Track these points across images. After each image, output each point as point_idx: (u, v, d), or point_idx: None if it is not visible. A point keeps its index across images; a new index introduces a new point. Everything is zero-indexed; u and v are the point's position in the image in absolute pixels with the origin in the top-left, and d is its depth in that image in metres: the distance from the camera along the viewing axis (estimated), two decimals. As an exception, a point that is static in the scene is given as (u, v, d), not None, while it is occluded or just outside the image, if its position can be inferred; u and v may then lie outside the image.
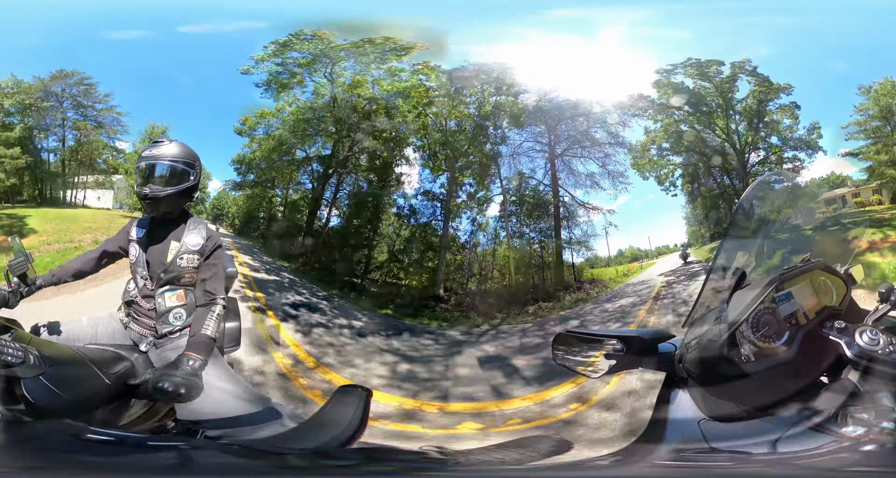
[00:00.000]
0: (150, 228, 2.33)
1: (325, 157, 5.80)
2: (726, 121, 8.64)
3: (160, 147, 2.26)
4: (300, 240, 6.14)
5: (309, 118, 5.50)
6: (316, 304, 5.21)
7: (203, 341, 2.04)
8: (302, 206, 5.75)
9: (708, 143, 8.73)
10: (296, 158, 5.56)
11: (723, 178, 9.14)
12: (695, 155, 8.96)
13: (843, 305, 1.68)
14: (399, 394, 4.58)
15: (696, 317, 1.60)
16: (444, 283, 5.55)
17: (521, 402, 4.60)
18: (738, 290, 1.54)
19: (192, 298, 2.27)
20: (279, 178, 5.80)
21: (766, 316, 1.50)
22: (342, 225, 6.05)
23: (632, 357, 1.55)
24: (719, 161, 8.93)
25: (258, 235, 6.20)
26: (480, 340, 5.51)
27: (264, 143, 5.59)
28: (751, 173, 8.56)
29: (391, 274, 5.86)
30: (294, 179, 5.66)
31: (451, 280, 5.87)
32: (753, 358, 1.44)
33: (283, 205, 6.01)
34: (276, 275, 6.17)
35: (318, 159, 6.06)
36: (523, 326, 6.14)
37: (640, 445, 1.41)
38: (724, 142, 8.44)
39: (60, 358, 1.80)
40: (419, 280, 6.03)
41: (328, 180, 6.03)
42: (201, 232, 2.31)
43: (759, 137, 8.68)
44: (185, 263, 2.24)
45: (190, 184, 2.29)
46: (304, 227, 5.70)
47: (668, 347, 1.58)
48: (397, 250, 5.87)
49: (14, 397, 1.56)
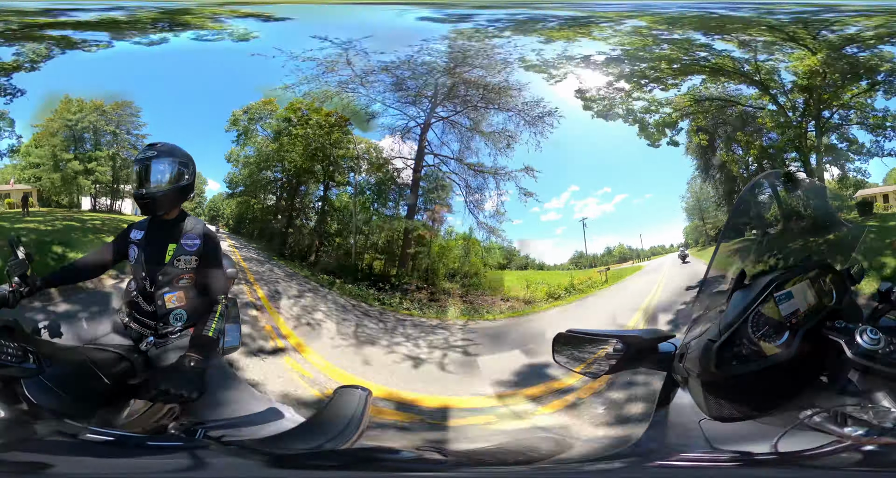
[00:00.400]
0: (148, 230, 2.34)
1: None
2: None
3: (154, 148, 2.28)
4: (273, 232, 8.25)
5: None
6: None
7: (205, 342, 2.04)
8: (272, 209, 8.40)
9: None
10: (266, 178, 8.34)
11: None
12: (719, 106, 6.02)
13: (843, 304, 1.68)
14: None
15: (696, 316, 1.60)
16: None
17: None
18: (738, 289, 1.54)
19: (192, 299, 2.27)
20: (259, 190, 8.51)
21: (766, 316, 1.50)
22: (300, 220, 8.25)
23: (632, 357, 1.54)
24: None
25: (245, 231, 8.65)
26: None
27: (243, 169, 8.13)
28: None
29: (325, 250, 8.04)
30: (269, 189, 8.39)
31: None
32: (753, 358, 1.44)
33: (261, 209, 8.51)
34: (255, 254, 8.31)
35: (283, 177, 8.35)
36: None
37: (641, 445, 1.41)
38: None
39: (61, 358, 1.80)
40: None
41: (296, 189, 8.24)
42: (199, 232, 2.32)
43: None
44: (183, 264, 2.25)
45: (184, 183, 2.30)
46: (275, 223, 8.44)
47: (669, 346, 1.58)
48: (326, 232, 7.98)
49: (14, 397, 1.57)
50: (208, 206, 8.92)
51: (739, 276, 1.55)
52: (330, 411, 1.61)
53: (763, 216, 1.86)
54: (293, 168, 7.66)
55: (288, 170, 7.81)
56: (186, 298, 2.26)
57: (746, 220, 1.76)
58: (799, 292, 1.60)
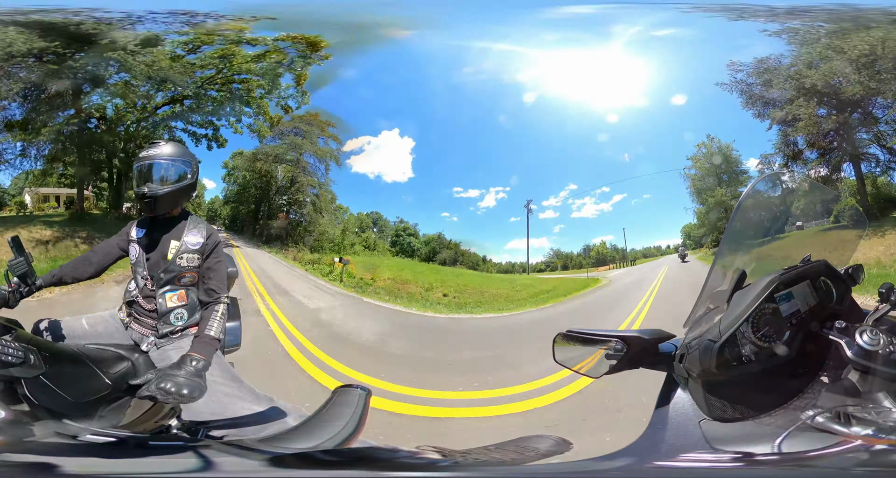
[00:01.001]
0: (149, 228, 2.33)
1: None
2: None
3: (157, 147, 2.28)
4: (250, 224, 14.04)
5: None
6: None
7: (207, 342, 2.05)
8: (250, 211, 13.98)
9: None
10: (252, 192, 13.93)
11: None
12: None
13: (843, 305, 1.68)
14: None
15: (696, 317, 1.60)
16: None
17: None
18: (738, 290, 1.54)
19: (193, 298, 2.27)
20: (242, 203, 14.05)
21: (767, 316, 1.50)
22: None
23: (632, 357, 1.54)
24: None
25: (237, 228, 14.52)
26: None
27: (231, 189, 13.91)
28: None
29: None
30: (251, 198, 13.72)
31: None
32: (754, 358, 1.44)
33: (246, 212, 14.24)
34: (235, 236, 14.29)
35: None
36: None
37: (640, 445, 1.40)
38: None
39: (61, 358, 1.80)
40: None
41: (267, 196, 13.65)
42: (201, 231, 2.31)
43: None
44: (185, 262, 2.25)
45: (188, 182, 2.30)
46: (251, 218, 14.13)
47: (669, 347, 1.58)
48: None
49: (15, 397, 1.57)
50: (206, 207, 14.25)
51: (740, 276, 1.55)
52: (330, 411, 1.61)
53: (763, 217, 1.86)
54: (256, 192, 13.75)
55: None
56: (187, 296, 2.26)
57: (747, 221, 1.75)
58: (799, 293, 1.60)
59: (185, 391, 1.71)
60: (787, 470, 1.25)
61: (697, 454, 1.31)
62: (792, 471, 1.24)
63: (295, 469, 1.31)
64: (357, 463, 1.37)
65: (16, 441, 1.39)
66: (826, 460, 1.19)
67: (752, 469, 1.27)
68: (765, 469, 1.27)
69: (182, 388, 1.72)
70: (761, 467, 1.27)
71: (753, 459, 1.27)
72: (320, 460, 1.41)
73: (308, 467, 1.32)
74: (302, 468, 1.31)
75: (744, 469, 1.27)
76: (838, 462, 1.18)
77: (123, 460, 1.28)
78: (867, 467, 1.18)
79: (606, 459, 1.33)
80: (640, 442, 1.41)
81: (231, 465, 1.26)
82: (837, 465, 1.19)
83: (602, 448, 1.37)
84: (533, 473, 1.32)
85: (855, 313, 1.67)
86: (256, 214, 13.43)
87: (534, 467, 1.38)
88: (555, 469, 1.31)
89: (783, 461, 1.24)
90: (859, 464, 1.18)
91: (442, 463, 1.37)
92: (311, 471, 1.30)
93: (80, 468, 1.18)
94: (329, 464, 1.38)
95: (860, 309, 1.72)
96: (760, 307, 1.48)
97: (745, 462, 1.27)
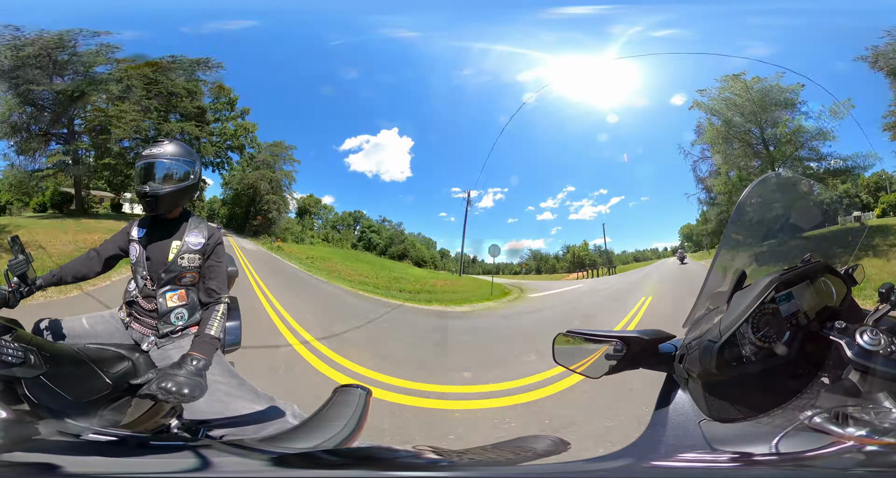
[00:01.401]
0: (150, 228, 2.33)
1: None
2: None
3: (159, 146, 2.26)
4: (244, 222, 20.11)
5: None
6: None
7: (207, 341, 2.05)
8: (243, 212, 20.31)
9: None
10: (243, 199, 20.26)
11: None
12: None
13: (843, 305, 1.68)
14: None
15: (696, 317, 1.60)
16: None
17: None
18: (738, 290, 1.54)
19: (194, 298, 2.27)
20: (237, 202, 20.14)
21: (767, 316, 1.50)
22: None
23: (632, 357, 1.54)
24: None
25: (234, 225, 19.96)
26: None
27: (229, 194, 20.26)
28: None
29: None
30: (243, 201, 20.08)
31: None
32: (754, 358, 1.44)
33: (241, 212, 20.20)
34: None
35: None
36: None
37: (640, 445, 1.40)
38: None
39: (62, 358, 1.80)
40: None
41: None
42: (203, 231, 2.31)
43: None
44: (186, 262, 2.25)
45: (189, 182, 2.29)
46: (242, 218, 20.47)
47: (669, 347, 1.58)
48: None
49: (15, 397, 1.57)
50: (206, 207, 19.69)
51: (740, 277, 1.55)
52: (330, 411, 1.61)
53: (763, 218, 1.86)
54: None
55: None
56: (188, 296, 2.26)
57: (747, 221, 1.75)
58: (799, 293, 1.60)
59: (185, 391, 1.72)
60: (787, 470, 1.25)
61: (697, 454, 1.31)
62: (792, 471, 1.24)
63: (295, 469, 1.31)
64: (357, 463, 1.37)
65: (16, 441, 1.39)
66: (826, 461, 1.19)
67: (752, 470, 1.27)
68: (764, 470, 1.27)
69: (183, 387, 1.72)
70: (760, 467, 1.27)
71: (753, 459, 1.27)
72: (320, 459, 1.41)
73: (308, 467, 1.32)
74: (302, 468, 1.31)
75: (743, 470, 1.27)
76: (838, 463, 1.18)
77: (124, 460, 1.28)
78: (867, 468, 1.18)
79: (605, 459, 1.33)
80: (640, 442, 1.41)
81: (231, 465, 1.26)
82: (837, 465, 1.19)
83: (601, 448, 1.37)
84: (531, 473, 1.32)
85: (855, 313, 1.67)
86: (247, 215, 20.16)
87: (531, 467, 1.38)
88: (553, 469, 1.31)
89: (782, 462, 1.24)
90: (859, 464, 1.18)
91: (441, 463, 1.37)
92: (311, 471, 1.30)
93: (81, 468, 1.18)
94: (329, 464, 1.38)
95: (860, 309, 1.72)
96: (760, 308, 1.48)
97: (745, 463, 1.27)
